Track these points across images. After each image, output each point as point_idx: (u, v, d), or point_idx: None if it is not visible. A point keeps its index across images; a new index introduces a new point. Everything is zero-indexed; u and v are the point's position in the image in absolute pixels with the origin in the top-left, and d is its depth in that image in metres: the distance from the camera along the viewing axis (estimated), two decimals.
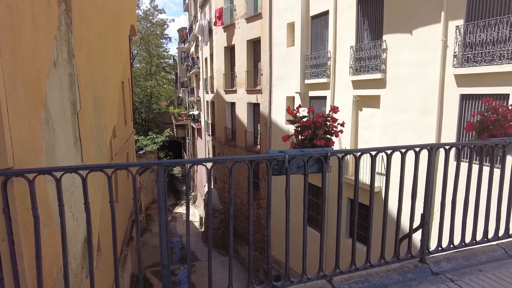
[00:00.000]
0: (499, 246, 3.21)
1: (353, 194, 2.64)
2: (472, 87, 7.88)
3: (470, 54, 7.82)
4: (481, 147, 2.99)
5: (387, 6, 10.10)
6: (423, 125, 9.02)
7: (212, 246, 15.41)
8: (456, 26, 8.11)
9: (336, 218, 2.60)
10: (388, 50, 10.10)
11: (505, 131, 3.11)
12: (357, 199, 2.63)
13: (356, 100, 11.45)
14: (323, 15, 13.04)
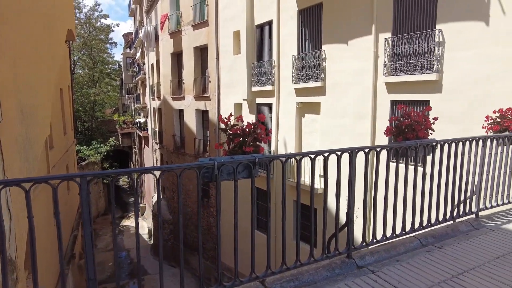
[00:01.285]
0: (415, 237, 3.58)
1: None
2: (400, 93, 8.65)
3: (397, 64, 8.59)
4: (396, 149, 3.33)
5: (326, 18, 10.73)
6: (359, 129, 9.68)
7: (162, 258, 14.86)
8: (385, 38, 8.87)
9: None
10: (327, 59, 10.71)
11: (417, 134, 3.49)
12: (284, 201, 2.78)
13: (299, 107, 11.94)
14: (267, 25, 13.45)
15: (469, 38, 7.25)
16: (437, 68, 7.74)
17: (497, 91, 6.84)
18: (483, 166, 4.16)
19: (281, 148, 12.69)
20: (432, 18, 7.97)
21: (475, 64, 7.17)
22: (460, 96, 7.42)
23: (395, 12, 8.74)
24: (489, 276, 2.82)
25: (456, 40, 7.48)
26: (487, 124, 4.84)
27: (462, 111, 7.33)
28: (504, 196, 4.52)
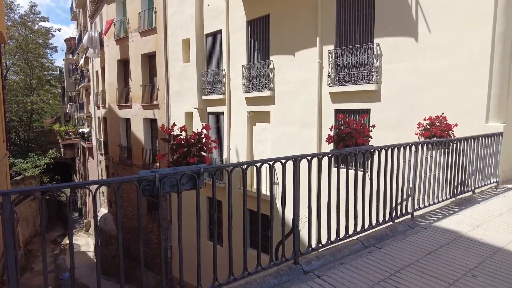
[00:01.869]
0: (358, 239, 3.76)
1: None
2: (343, 103, 9.13)
3: (340, 75, 9.07)
4: (337, 156, 3.49)
5: (273, 30, 11.04)
6: (307, 137, 10.03)
7: (109, 276, 14.02)
8: (329, 50, 9.33)
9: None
10: (275, 69, 10.99)
11: (356, 141, 3.70)
12: (230, 211, 2.77)
13: (250, 116, 12.07)
14: (217, 34, 13.48)
15: (402, 52, 7.90)
16: (376, 79, 8.31)
17: (428, 100, 7.50)
18: (416, 170, 4.52)
19: (234, 156, 12.69)
20: (370, 32, 8.57)
21: (409, 76, 7.81)
22: (397, 104, 8.02)
23: (338, 25, 9.26)
24: (421, 271, 3.05)
25: (391, 53, 8.10)
26: (419, 130, 5.28)
27: (398, 118, 7.92)
28: (435, 196, 4.94)
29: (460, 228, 4.13)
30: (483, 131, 6.46)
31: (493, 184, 6.45)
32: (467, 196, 5.62)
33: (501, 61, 6.65)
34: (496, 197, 5.67)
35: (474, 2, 6.79)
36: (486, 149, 6.08)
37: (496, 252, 3.45)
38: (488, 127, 6.62)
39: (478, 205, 5.20)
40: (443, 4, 7.22)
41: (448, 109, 7.02)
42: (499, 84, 6.66)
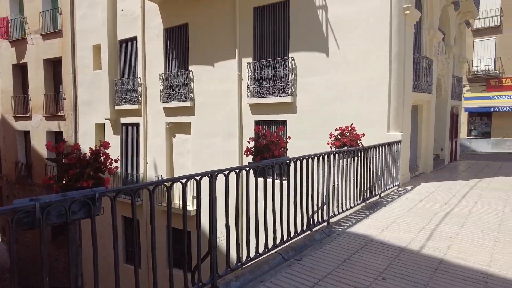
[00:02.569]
0: (278, 253, 3.71)
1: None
2: (263, 114, 9.30)
3: (259, 87, 9.25)
4: (254, 169, 3.40)
5: (192, 39, 10.80)
6: (228, 148, 9.95)
7: None
8: (248, 63, 9.46)
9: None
10: (195, 79, 10.73)
11: (273, 154, 3.68)
12: (137, 231, 2.45)
13: (169, 127, 11.55)
14: (131, 41, 12.71)
15: (315, 66, 8.38)
16: (292, 92, 8.65)
17: (339, 111, 8.05)
18: (330, 178, 4.71)
19: (151, 171, 11.95)
20: (286, 47, 8.93)
21: (322, 89, 8.31)
22: (311, 116, 8.44)
23: (255, 39, 9.46)
24: (338, 280, 3.10)
25: (306, 68, 8.54)
26: (331, 140, 5.56)
27: (313, 129, 8.34)
28: (348, 202, 5.22)
29: (370, 232, 4.40)
30: (386, 139, 7.14)
31: (395, 187, 7.15)
32: (375, 200, 6.10)
33: (397, 77, 7.48)
34: (398, 199, 6.27)
35: (375, 24, 7.54)
36: (388, 155, 6.71)
37: (401, 252, 3.72)
38: (389, 136, 7.35)
39: (384, 208, 5.66)
40: (349, 24, 7.87)
41: (357, 120, 7.61)
42: (396, 98, 7.47)
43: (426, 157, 9.82)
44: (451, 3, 10.73)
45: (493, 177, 8.95)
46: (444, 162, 12.03)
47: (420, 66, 8.68)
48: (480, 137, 22.27)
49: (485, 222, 4.80)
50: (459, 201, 6.06)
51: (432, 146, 10.31)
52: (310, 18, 8.40)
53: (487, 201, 6.09)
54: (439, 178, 8.65)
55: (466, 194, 6.66)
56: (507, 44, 20.99)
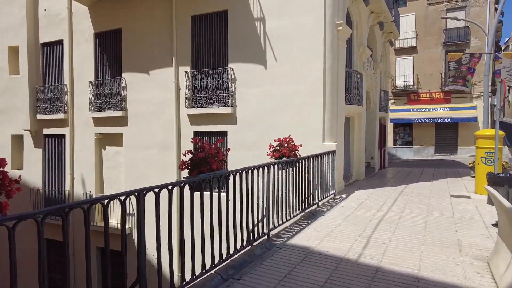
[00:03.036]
0: (216, 273, 3.48)
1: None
2: (202, 125, 9.04)
3: (198, 97, 8.99)
4: (190, 185, 3.16)
5: (125, 46, 10.19)
6: (165, 161, 9.46)
7: None
8: (185, 72, 9.16)
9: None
10: (128, 87, 10.10)
11: (210, 167, 3.47)
12: (41, 260, 2.05)
13: (98, 139, 10.67)
14: (56, 44, 11.60)
15: (254, 78, 8.40)
16: (232, 102, 8.56)
17: (279, 122, 8.13)
18: (270, 190, 4.64)
19: (79, 187, 10.87)
20: (225, 57, 8.83)
21: (261, 100, 8.33)
22: (252, 127, 8.41)
23: (194, 47, 9.22)
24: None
25: (245, 78, 8.52)
26: (270, 151, 5.53)
27: (254, 139, 8.29)
28: (287, 213, 5.19)
29: (310, 243, 4.39)
30: (322, 149, 7.36)
31: (331, 195, 7.37)
32: (313, 209, 6.19)
33: (331, 90, 7.81)
34: (335, 208, 6.44)
35: (310, 38, 7.81)
36: (324, 165, 6.91)
37: (340, 263, 3.74)
38: (324, 146, 7.59)
39: (322, 217, 5.75)
40: (286, 37, 8.05)
41: (295, 130, 7.74)
42: (330, 110, 7.78)
43: (359, 166, 10.38)
44: (376, 23, 11.67)
45: (417, 182, 9.76)
46: (374, 170, 12.88)
47: (352, 80, 9.21)
48: (404, 145, 24.48)
49: (413, 226, 5.11)
50: (390, 207, 6.42)
51: (363, 155, 10.95)
52: (248, 30, 8.44)
53: (414, 206, 6.55)
54: (371, 186, 9.17)
55: (396, 200, 7.11)
56: (422, 63, 23.57)
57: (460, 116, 21.89)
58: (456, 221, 5.39)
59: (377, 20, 11.54)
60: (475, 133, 8.44)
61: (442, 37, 22.87)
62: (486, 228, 5.00)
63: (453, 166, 15.53)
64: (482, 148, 7.83)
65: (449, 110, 22.47)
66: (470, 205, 6.57)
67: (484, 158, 7.76)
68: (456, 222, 5.32)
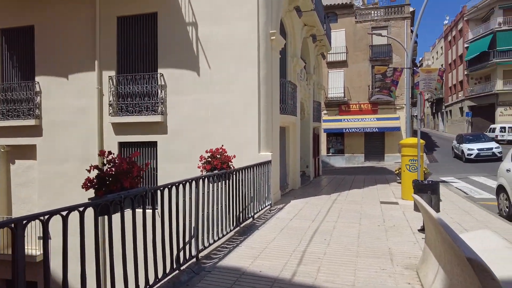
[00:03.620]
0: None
1: None
2: (129, 135, 8.27)
3: (123, 104, 8.22)
4: (94, 207, 2.62)
5: (39, 46, 9.01)
6: (85, 176, 8.42)
7: None
8: (109, 76, 8.34)
9: None
10: (43, 93, 8.90)
11: (122, 185, 2.95)
12: None
13: (5, 151, 9.20)
14: None
15: (186, 84, 7.93)
16: (162, 110, 7.96)
17: (213, 132, 7.74)
18: (199, 206, 4.21)
19: None
20: (154, 62, 8.23)
21: (194, 108, 7.88)
22: (184, 136, 7.89)
23: (120, 50, 8.47)
24: None
25: (176, 85, 8.00)
26: (201, 163, 5.11)
27: (186, 150, 7.78)
28: (220, 231, 4.80)
29: (242, 263, 4.04)
30: (257, 160, 7.14)
31: (268, 207, 7.16)
32: (248, 223, 5.88)
33: (266, 100, 7.67)
34: (270, 220, 6.21)
35: (244, 46, 7.61)
36: (260, 176, 6.68)
37: (273, 284, 3.45)
38: (260, 156, 7.39)
39: (257, 231, 5.47)
40: (220, 44, 7.76)
41: (230, 141, 7.43)
42: (265, 119, 7.63)
43: (294, 175, 10.42)
44: (310, 36, 12.00)
45: (349, 190, 10.07)
46: (310, 178, 13.12)
47: (286, 90, 9.23)
48: (336, 154, 25.71)
49: (347, 236, 5.07)
50: (325, 217, 6.39)
51: (299, 164, 11.05)
52: (179, 34, 7.98)
53: (347, 214, 6.61)
54: (306, 194, 9.20)
55: (330, 209, 7.14)
56: (351, 76, 25.17)
57: (386, 126, 23.69)
58: (387, 228, 5.50)
59: (310, 32, 11.89)
60: (400, 142, 8.97)
61: (369, 53, 24.70)
62: (413, 234, 5.15)
63: (381, 173, 16.58)
64: (406, 156, 8.32)
65: (376, 120, 24.21)
66: (398, 211, 6.85)
67: (408, 166, 8.23)
68: (387, 229, 5.43)
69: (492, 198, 9.20)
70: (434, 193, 5.01)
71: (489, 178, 12.74)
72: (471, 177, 13.19)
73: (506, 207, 6.58)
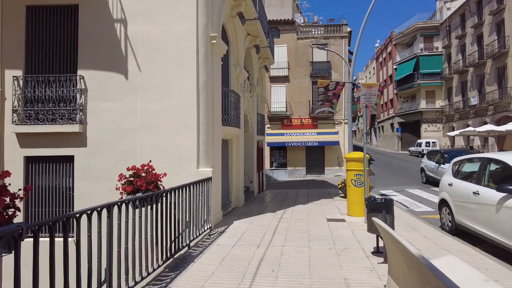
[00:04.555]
0: None
1: None
2: (38, 148, 6.83)
3: (32, 110, 6.80)
4: None
5: None
6: None
7: None
8: (14, 77, 6.88)
9: None
10: None
11: None
12: None
13: None
14: None
15: (112, 89, 6.82)
16: (81, 119, 6.72)
17: (142, 144, 6.70)
18: (113, 242, 3.24)
19: None
20: (73, 62, 7.00)
21: (120, 117, 6.77)
22: (107, 150, 6.72)
23: (29, 46, 7.07)
24: None
25: (99, 90, 6.84)
26: (121, 184, 4.11)
27: (109, 167, 6.59)
28: (142, 269, 3.82)
29: None
30: (196, 177, 6.28)
31: (207, 231, 6.28)
32: (183, 254, 4.95)
33: (206, 109, 6.88)
34: (210, 248, 5.35)
35: (181, 49, 6.78)
36: (198, 196, 5.81)
37: None
38: (199, 173, 6.52)
39: (193, 264, 4.57)
40: (153, 45, 6.83)
41: (164, 155, 6.47)
42: (206, 130, 6.81)
43: (238, 191, 9.67)
44: (253, 46, 11.56)
45: (294, 206, 9.59)
46: (254, 194, 12.47)
47: (229, 100, 8.54)
48: (279, 167, 25.60)
49: (296, 265, 4.41)
50: (271, 240, 5.70)
51: (242, 179, 10.34)
52: (105, 32, 6.88)
53: (294, 235, 6.00)
54: (250, 213, 8.50)
55: (276, 230, 6.49)
56: (293, 91, 25.50)
57: (325, 140, 24.23)
58: (338, 252, 4.97)
59: (254, 43, 11.45)
60: (345, 156, 8.77)
61: (309, 69, 25.29)
62: (367, 258, 4.68)
63: (323, 186, 16.59)
64: (352, 170, 8.07)
65: (317, 135, 24.67)
66: (347, 230, 6.44)
67: (354, 180, 7.98)
68: (339, 253, 4.90)
69: (430, 211, 9.40)
70: (388, 213, 4.62)
71: (423, 190, 13.30)
72: (407, 189, 13.66)
73: (449, 221, 6.54)
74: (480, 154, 6.46)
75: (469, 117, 30.24)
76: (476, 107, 28.73)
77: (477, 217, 5.47)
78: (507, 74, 25.32)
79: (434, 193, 12.46)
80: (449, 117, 34.36)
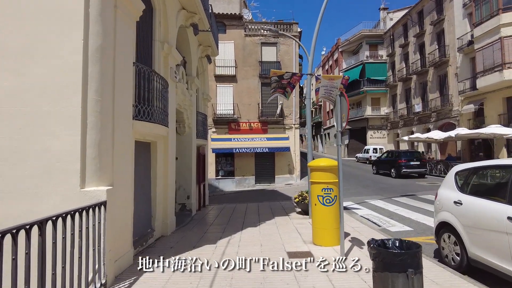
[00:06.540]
0: None
1: None
2: None
3: None
4: None
5: None
6: None
7: None
8: None
9: None
10: None
11: None
12: None
13: None
14: None
15: None
16: None
17: None
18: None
19: None
20: None
21: None
22: None
23: None
24: None
25: None
26: None
27: None
28: None
29: None
30: (79, 201, 3.71)
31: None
32: None
33: (100, 90, 4.29)
34: None
35: None
36: (76, 237, 3.24)
37: None
38: (85, 195, 3.91)
39: None
40: None
41: (19, 165, 3.79)
42: (99, 124, 4.20)
43: (166, 214, 7.09)
44: (190, 26, 9.13)
45: (242, 230, 7.31)
46: (191, 213, 9.92)
47: (151, 85, 6.00)
48: (226, 176, 23.13)
49: None
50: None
51: (173, 196, 7.80)
52: None
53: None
54: (182, 245, 6.02)
55: (214, 279, 4.11)
56: (240, 92, 23.35)
57: (276, 146, 22.40)
58: None
59: (190, 21, 9.04)
60: (308, 164, 6.70)
61: (258, 69, 23.38)
62: None
63: (274, 198, 14.55)
64: (318, 183, 6.00)
65: (267, 140, 22.75)
66: (320, 276, 4.27)
67: (321, 197, 5.91)
68: None
69: (408, 230, 7.68)
70: (417, 272, 2.50)
71: (386, 201, 11.82)
72: (369, 201, 12.11)
73: (456, 254, 4.70)
74: (503, 161, 4.74)
75: (413, 124, 30.69)
76: (420, 114, 29.15)
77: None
78: (448, 82, 25.86)
79: (400, 204, 11.00)
80: (394, 123, 34.86)
